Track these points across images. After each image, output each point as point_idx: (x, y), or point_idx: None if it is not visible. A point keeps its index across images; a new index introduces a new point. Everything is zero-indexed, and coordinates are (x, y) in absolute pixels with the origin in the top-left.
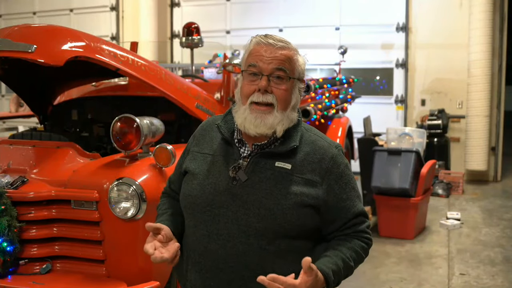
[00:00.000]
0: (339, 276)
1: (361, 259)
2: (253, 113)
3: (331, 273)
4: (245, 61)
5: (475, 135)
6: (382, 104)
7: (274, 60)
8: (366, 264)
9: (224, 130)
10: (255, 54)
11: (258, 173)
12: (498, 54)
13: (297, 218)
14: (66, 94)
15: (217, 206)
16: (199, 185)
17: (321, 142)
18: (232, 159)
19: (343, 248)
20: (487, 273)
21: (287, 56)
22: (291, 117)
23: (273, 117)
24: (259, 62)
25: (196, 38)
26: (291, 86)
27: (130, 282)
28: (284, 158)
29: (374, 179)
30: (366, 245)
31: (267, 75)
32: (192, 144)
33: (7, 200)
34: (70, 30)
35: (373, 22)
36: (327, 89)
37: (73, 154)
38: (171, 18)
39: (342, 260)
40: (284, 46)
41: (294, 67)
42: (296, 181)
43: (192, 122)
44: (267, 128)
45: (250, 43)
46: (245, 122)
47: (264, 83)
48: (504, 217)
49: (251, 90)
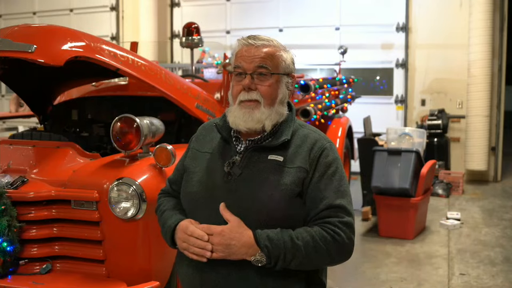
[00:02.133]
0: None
1: (319, 248)
2: (242, 109)
3: (264, 235)
4: (232, 64)
5: (475, 135)
6: (382, 104)
7: (255, 58)
8: (366, 264)
9: (222, 129)
10: (238, 56)
11: (251, 167)
12: (498, 54)
13: (288, 209)
14: (66, 94)
15: (215, 201)
16: (198, 182)
17: (314, 135)
18: (228, 155)
19: (298, 229)
20: (487, 273)
21: (268, 53)
22: (279, 111)
23: (260, 112)
24: (242, 63)
25: (196, 38)
26: (275, 81)
27: (130, 282)
28: (277, 151)
29: (374, 179)
30: (331, 238)
31: (250, 74)
32: (193, 143)
33: (7, 200)
34: (70, 30)
35: (373, 22)
36: (327, 89)
37: (73, 154)
38: (171, 18)
39: (289, 236)
40: (264, 44)
41: (277, 63)
42: (287, 172)
43: (192, 122)
44: (254, 122)
45: (235, 46)
46: (235, 120)
47: (247, 82)
48: (504, 217)
49: (238, 90)
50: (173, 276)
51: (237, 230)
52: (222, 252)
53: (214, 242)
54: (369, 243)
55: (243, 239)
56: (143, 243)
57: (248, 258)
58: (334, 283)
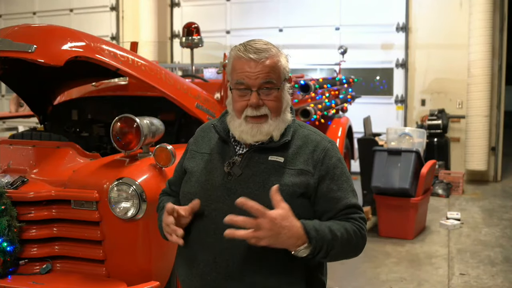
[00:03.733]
0: (322, 238)
1: (351, 240)
2: (249, 124)
3: (311, 226)
4: (231, 76)
5: (475, 135)
6: (382, 104)
7: (260, 74)
8: (366, 264)
9: (220, 130)
10: (239, 71)
11: (252, 168)
12: (498, 54)
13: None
14: (66, 94)
15: (214, 201)
16: (197, 182)
17: (314, 136)
18: (228, 156)
19: (330, 221)
20: (487, 273)
21: (271, 67)
22: (285, 119)
23: (268, 125)
24: (245, 79)
25: (196, 38)
26: (280, 92)
27: (130, 282)
28: (277, 152)
29: (374, 179)
30: (358, 231)
31: (256, 90)
32: (192, 144)
33: (7, 200)
34: (70, 30)
35: (373, 22)
36: (327, 89)
37: (73, 154)
38: (171, 18)
39: (327, 227)
40: (266, 56)
41: (279, 73)
42: (288, 173)
43: (192, 122)
44: (263, 136)
45: (231, 57)
46: (242, 134)
47: (255, 100)
48: (504, 217)
49: (243, 105)
50: (173, 276)
51: (287, 218)
52: (269, 239)
53: (265, 227)
54: (369, 243)
55: (294, 229)
56: (143, 243)
57: (292, 248)
58: (334, 282)
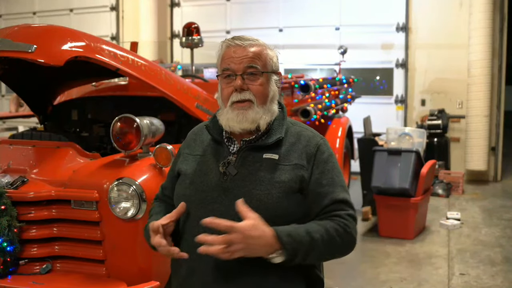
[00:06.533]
0: (297, 242)
1: (333, 241)
2: (235, 111)
3: (285, 232)
4: (219, 67)
5: (475, 135)
6: (382, 104)
7: (244, 58)
8: (366, 264)
9: (213, 130)
10: (226, 58)
11: (247, 166)
12: (498, 54)
13: (287, 207)
14: (66, 94)
15: (210, 202)
16: (192, 184)
17: (307, 133)
18: (222, 156)
19: (310, 223)
20: (487, 273)
21: (256, 53)
22: (271, 109)
23: (254, 112)
24: (231, 64)
25: (196, 38)
26: (265, 80)
27: (130, 282)
28: (271, 149)
29: (374, 179)
30: (342, 229)
31: (241, 74)
32: (184, 148)
33: (7, 200)
34: (70, 30)
35: (373, 22)
36: (327, 89)
37: (73, 154)
38: (171, 18)
39: (305, 231)
40: (251, 43)
41: (265, 61)
42: (284, 169)
43: (192, 122)
44: (249, 123)
45: (221, 48)
46: (229, 122)
47: (239, 82)
48: (504, 217)
49: (229, 91)
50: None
51: (258, 228)
52: (243, 251)
53: (236, 241)
54: (369, 243)
55: (265, 238)
56: (143, 243)
57: (266, 256)
58: (334, 283)
